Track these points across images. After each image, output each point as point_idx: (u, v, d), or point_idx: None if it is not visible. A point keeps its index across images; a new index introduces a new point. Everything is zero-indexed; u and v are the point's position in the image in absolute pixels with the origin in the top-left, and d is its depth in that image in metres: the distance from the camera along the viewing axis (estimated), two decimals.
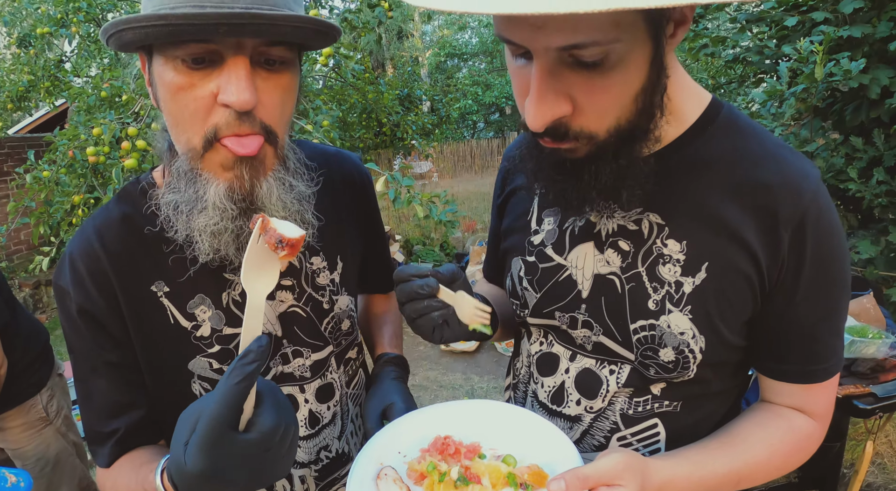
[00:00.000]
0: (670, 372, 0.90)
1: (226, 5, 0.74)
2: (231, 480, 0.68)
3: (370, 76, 7.02)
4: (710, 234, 0.85)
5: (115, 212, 0.99)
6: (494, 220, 1.23)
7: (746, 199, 0.84)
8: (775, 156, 0.85)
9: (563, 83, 0.72)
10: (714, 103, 0.90)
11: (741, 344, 0.91)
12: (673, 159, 0.88)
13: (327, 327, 1.14)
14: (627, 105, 0.75)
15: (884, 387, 2.12)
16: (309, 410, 1.12)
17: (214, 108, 0.81)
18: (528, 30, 0.68)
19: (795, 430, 0.91)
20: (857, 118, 3.52)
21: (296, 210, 0.93)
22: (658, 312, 0.88)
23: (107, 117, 3.58)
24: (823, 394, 0.92)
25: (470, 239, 8.42)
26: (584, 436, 0.99)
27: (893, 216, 3.41)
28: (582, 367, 0.98)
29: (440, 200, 3.26)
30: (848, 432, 2.73)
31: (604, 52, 0.67)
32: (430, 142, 9.84)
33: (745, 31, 3.97)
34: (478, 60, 22.95)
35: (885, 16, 3.30)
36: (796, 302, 0.85)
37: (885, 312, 2.38)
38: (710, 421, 0.98)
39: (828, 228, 0.83)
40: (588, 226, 0.95)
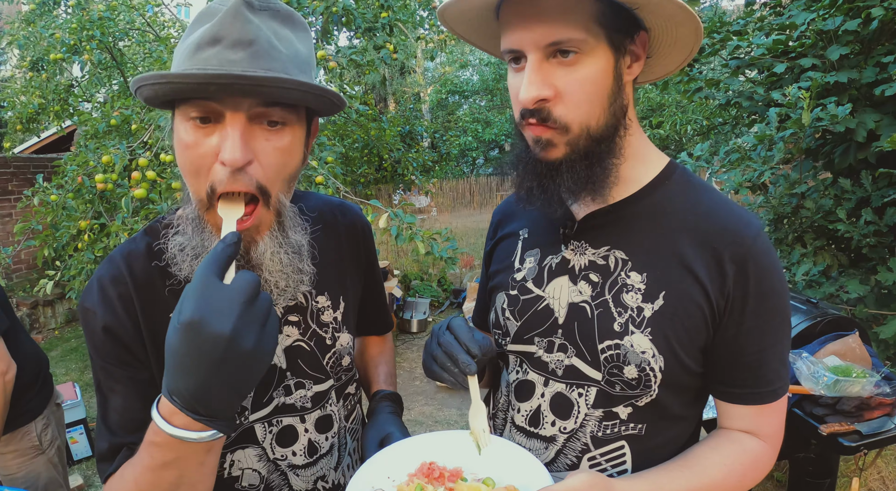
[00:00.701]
0: (634, 389, 0.99)
1: (224, 68, 0.82)
2: (217, 333, 0.72)
3: (373, 113, 7.17)
4: (667, 267, 0.98)
5: (141, 244, 1.06)
6: (484, 267, 1.35)
7: (698, 241, 0.97)
8: (723, 207, 0.99)
9: (548, 74, 0.90)
10: (671, 163, 1.06)
11: (697, 370, 1.00)
12: (637, 206, 1.02)
13: (329, 362, 1.20)
14: (597, 104, 0.92)
15: (868, 424, 2.16)
16: (308, 439, 1.17)
17: (214, 165, 0.88)
18: (522, 33, 0.89)
19: (748, 452, 1.00)
20: (846, 160, 3.62)
21: (289, 263, 1.01)
22: (622, 333, 0.99)
23: (118, 146, 3.65)
24: (772, 416, 1.01)
25: (467, 275, 8.46)
26: (558, 455, 1.08)
27: (881, 256, 3.49)
28: (555, 391, 1.07)
29: (441, 237, 3.33)
30: (839, 469, 2.75)
31: (577, 47, 0.88)
32: (429, 178, 9.97)
33: (737, 75, 4.10)
34: (478, 98, 23.29)
35: (871, 61, 3.43)
36: (743, 331, 0.96)
37: (871, 350, 2.42)
38: (672, 445, 1.06)
39: (768, 268, 0.94)
40: (563, 262, 1.08)
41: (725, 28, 4.05)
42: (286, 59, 0.87)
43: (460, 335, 1.03)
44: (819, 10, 3.50)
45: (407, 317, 6.89)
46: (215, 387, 0.75)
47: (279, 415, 1.13)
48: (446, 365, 1.03)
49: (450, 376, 1.03)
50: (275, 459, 1.14)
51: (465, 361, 1.00)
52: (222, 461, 1.11)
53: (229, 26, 0.83)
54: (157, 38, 6.06)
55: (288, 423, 1.14)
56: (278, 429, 1.13)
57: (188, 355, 0.74)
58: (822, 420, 2.20)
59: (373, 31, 5.01)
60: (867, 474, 3.35)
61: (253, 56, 0.83)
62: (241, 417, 1.09)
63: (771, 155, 3.62)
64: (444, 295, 7.92)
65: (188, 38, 0.88)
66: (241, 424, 1.09)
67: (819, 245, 3.67)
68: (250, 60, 0.83)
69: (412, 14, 5.91)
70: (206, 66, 0.82)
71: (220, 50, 0.82)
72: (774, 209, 3.78)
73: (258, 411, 1.10)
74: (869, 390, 2.15)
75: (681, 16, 0.90)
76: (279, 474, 1.15)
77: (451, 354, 1.02)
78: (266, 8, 0.88)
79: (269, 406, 1.12)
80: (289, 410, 1.14)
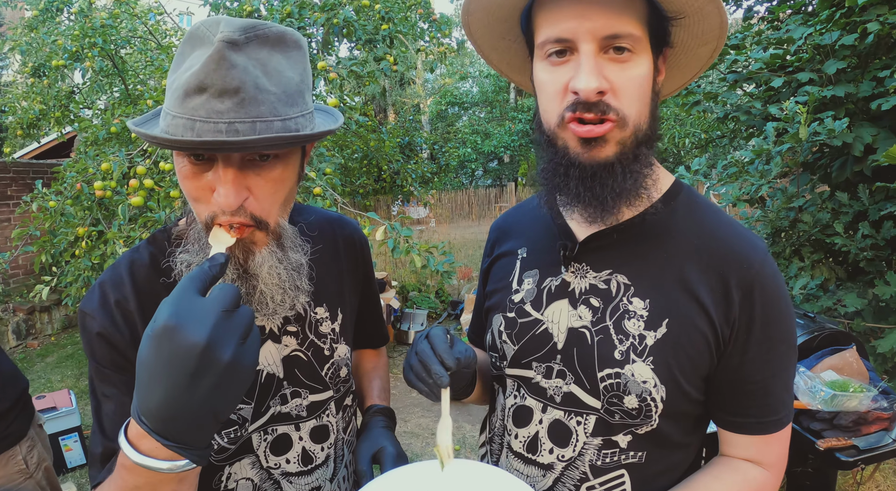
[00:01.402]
0: (634, 419, 0.96)
1: (212, 120, 0.83)
2: (191, 341, 0.69)
3: (373, 124, 7.20)
4: (671, 293, 0.95)
5: (144, 253, 1.08)
6: (480, 285, 1.33)
7: (703, 266, 0.94)
8: (728, 230, 0.97)
9: (602, 68, 0.87)
10: (677, 183, 1.04)
11: (699, 398, 0.98)
12: (642, 227, 0.99)
13: (328, 373, 1.20)
14: (645, 105, 0.91)
15: (866, 439, 2.16)
16: (302, 447, 1.17)
17: (213, 198, 0.91)
18: (575, 20, 0.86)
19: (749, 481, 0.98)
20: (843, 174, 3.63)
21: (288, 279, 1.03)
22: (623, 361, 0.96)
23: (117, 153, 3.65)
24: (776, 445, 0.99)
25: (465, 287, 8.46)
26: (556, 484, 1.05)
27: (879, 269, 3.50)
28: (553, 418, 1.05)
29: (437, 251, 3.33)
30: (837, 484, 2.74)
31: (631, 45, 0.86)
32: (428, 189, 9.99)
33: (735, 89, 4.12)
34: (478, 109, 23.39)
35: (868, 75, 3.45)
36: (748, 359, 0.93)
37: (869, 365, 2.42)
38: (672, 473, 1.04)
39: (775, 294, 0.92)
40: (563, 285, 1.05)
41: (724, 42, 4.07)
42: (274, 99, 0.87)
43: (437, 346, 1.01)
44: (816, 24, 3.53)
45: (405, 328, 6.88)
46: (187, 404, 0.71)
47: (274, 423, 1.13)
48: (421, 375, 1.01)
49: (424, 386, 1.01)
50: (268, 467, 1.13)
51: (438, 372, 0.98)
52: (220, 474, 1.10)
53: (213, 73, 0.82)
54: (158, 46, 6.09)
55: (283, 431, 1.14)
56: (273, 437, 1.13)
57: (159, 366, 0.70)
58: (819, 435, 2.19)
59: (373, 43, 5.04)
60: (866, 488, 3.33)
61: (240, 104, 0.84)
62: (241, 429, 1.08)
63: (768, 169, 3.63)
64: (441, 306, 7.91)
65: (178, 70, 0.89)
66: (241, 436, 1.08)
67: (816, 259, 3.68)
68: (237, 109, 0.83)
69: (413, 26, 5.95)
70: (194, 115, 0.83)
71: (208, 99, 0.83)
72: (772, 223, 3.79)
73: (256, 421, 1.10)
74: (866, 405, 2.15)
75: (710, 33, 0.91)
76: (272, 483, 1.14)
77: (426, 364, 1.00)
78: (253, 38, 0.87)
79: (265, 416, 1.11)
80: (284, 418, 1.14)
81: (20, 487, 2.17)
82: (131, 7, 5.90)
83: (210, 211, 0.92)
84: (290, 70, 0.91)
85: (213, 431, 0.77)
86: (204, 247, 0.97)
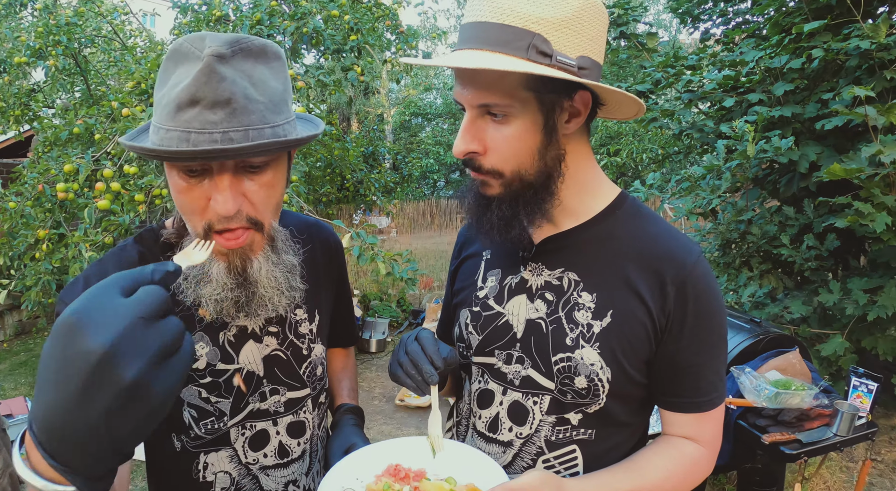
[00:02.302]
0: (584, 398, 1.08)
1: (206, 129, 0.87)
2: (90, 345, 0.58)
3: (337, 133, 7.23)
4: (615, 288, 1.08)
5: (133, 251, 1.12)
6: (448, 284, 1.45)
7: (643, 265, 1.07)
8: (666, 235, 1.09)
9: (480, 130, 1.01)
10: (622, 194, 1.16)
11: (642, 381, 1.10)
12: (588, 233, 1.12)
13: (305, 371, 1.26)
14: (525, 157, 1.01)
15: (808, 434, 2.33)
16: (279, 442, 1.23)
17: (208, 207, 0.95)
18: (463, 92, 0.99)
19: (686, 456, 1.10)
20: (790, 190, 3.84)
21: (284, 280, 1.08)
22: (573, 347, 1.08)
23: (83, 156, 3.61)
24: (709, 423, 1.11)
25: (427, 296, 8.51)
26: (515, 459, 1.16)
27: (823, 279, 3.70)
28: (512, 399, 1.16)
29: (402, 259, 3.41)
30: (785, 479, 2.90)
31: (504, 111, 0.98)
32: (391, 199, 10.04)
33: (690, 108, 4.31)
34: (441, 121, 23.52)
35: (814, 97, 3.67)
36: (682, 347, 1.05)
37: (811, 366, 2.59)
38: (619, 450, 1.15)
39: (706, 290, 1.04)
40: (522, 282, 1.17)
41: (680, 63, 4.26)
42: (263, 108, 0.92)
43: (426, 347, 1.11)
44: (767, 48, 3.73)
45: (366, 337, 6.88)
46: (77, 420, 0.60)
47: (252, 419, 1.18)
48: (411, 372, 1.11)
49: (412, 383, 1.11)
50: (247, 463, 1.19)
51: (428, 371, 1.08)
52: (196, 462, 1.15)
53: (204, 86, 0.86)
54: (123, 46, 6.03)
55: (261, 427, 1.20)
56: (251, 433, 1.18)
57: (52, 368, 0.60)
58: (764, 430, 2.35)
59: (341, 53, 5.10)
60: (814, 484, 3.51)
61: (231, 115, 0.88)
62: (219, 422, 1.13)
63: (718, 184, 3.81)
64: (403, 315, 7.94)
65: (165, 86, 0.92)
66: (219, 429, 1.14)
67: (765, 269, 3.87)
68: (229, 119, 0.88)
69: (380, 37, 6.03)
70: (188, 127, 0.87)
71: (200, 111, 0.87)
72: (722, 235, 3.98)
73: (235, 416, 1.16)
74: (808, 402, 2.31)
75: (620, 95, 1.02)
76: (251, 478, 1.20)
77: (417, 363, 1.10)
78: (238, 51, 0.91)
79: (244, 411, 1.17)
80: (262, 415, 1.20)
81: None
82: (97, 5, 5.82)
83: (206, 220, 0.96)
84: (273, 80, 0.96)
85: (111, 461, 0.64)
86: None
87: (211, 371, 1.12)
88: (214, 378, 1.13)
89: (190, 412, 1.12)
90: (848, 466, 3.74)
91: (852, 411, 2.32)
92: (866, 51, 3.19)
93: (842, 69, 3.61)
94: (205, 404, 1.12)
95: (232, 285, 1.02)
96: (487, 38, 0.94)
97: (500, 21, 0.93)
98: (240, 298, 1.04)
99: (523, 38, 0.93)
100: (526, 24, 0.92)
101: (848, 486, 3.53)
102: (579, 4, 0.94)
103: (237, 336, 1.15)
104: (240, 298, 1.04)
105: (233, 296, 1.03)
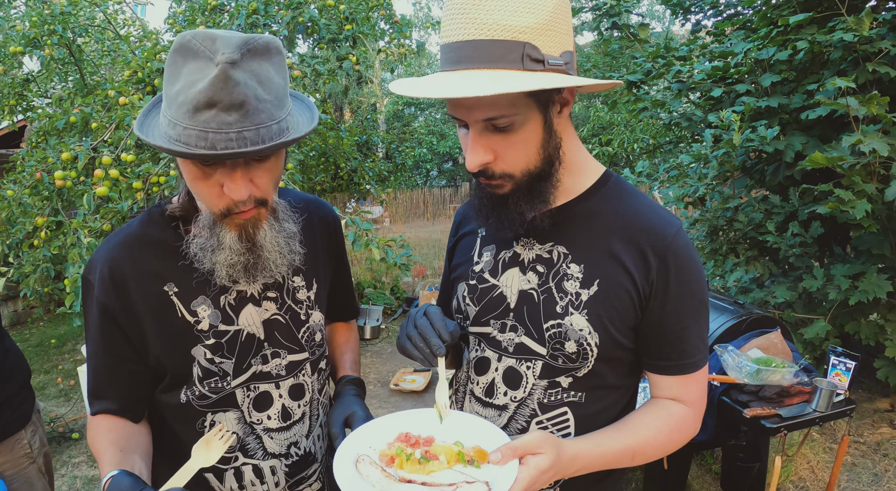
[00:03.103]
0: (574, 362, 1.16)
1: (223, 131, 0.97)
2: None
3: (332, 122, 7.27)
4: (601, 259, 1.16)
5: (138, 228, 1.25)
6: (447, 261, 1.54)
7: (627, 238, 1.14)
8: (647, 209, 1.17)
9: (488, 141, 1.05)
10: (606, 173, 1.24)
11: (629, 346, 1.18)
12: (576, 208, 1.20)
13: (304, 336, 1.35)
14: (533, 155, 1.08)
15: (789, 409, 2.44)
16: (282, 405, 1.33)
17: (222, 195, 1.09)
18: (464, 110, 1.03)
19: (674, 415, 1.18)
20: (776, 178, 3.93)
21: (285, 244, 1.21)
22: (563, 314, 1.16)
23: (82, 144, 3.65)
24: (694, 385, 1.19)
25: (420, 284, 8.57)
26: (510, 421, 1.24)
27: (807, 265, 3.80)
28: (507, 365, 1.24)
29: (396, 244, 3.49)
30: (769, 456, 3.01)
31: (509, 121, 1.01)
32: (384, 188, 10.08)
33: (680, 98, 4.39)
34: (434, 110, 23.50)
35: (801, 88, 3.75)
36: (666, 313, 1.13)
37: (793, 346, 2.69)
38: (609, 412, 1.23)
39: (686, 260, 1.13)
40: (515, 256, 1.25)
41: (671, 54, 4.33)
42: (270, 106, 1.03)
43: (434, 321, 1.19)
44: (755, 40, 3.81)
45: (360, 324, 6.97)
46: None
47: (256, 381, 1.28)
48: (419, 345, 1.19)
49: (421, 355, 1.19)
50: (251, 422, 1.29)
51: (436, 344, 1.16)
52: (202, 420, 1.26)
53: (220, 92, 0.96)
54: (116, 35, 6.04)
55: (264, 389, 1.30)
56: (255, 394, 1.28)
57: None
58: (745, 405, 2.46)
59: (336, 43, 5.14)
60: (797, 463, 3.62)
61: (245, 116, 0.99)
62: (223, 381, 1.24)
63: (706, 172, 3.89)
64: (397, 303, 8.02)
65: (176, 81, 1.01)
66: (223, 388, 1.24)
67: (751, 255, 3.96)
68: (242, 120, 0.99)
69: (374, 27, 6.06)
70: (206, 128, 0.98)
71: (217, 113, 0.97)
72: (710, 222, 4.07)
73: (238, 377, 1.25)
74: (788, 379, 2.41)
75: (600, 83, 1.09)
76: (255, 438, 1.29)
77: (425, 336, 1.18)
78: (246, 53, 1.00)
79: (247, 372, 1.27)
80: (265, 377, 1.29)
81: (24, 472, 2.19)
82: None
83: (224, 204, 1.10)
84: (276, 76, 1.06)
85: None
86: (216, 229, 1.14)
87: (214, 332, 1.23)
88: (217, 339, 1.23)
89: (197, 370, 1.23)
90: (831, 447, 3.85)
91: (831, 388, 2.42)
92: (850, 43, 3.27)
93: (827, 62, 3.70)
94: (209, 365, 1.23)
95: (242, 250, 1.15)
96: (480, 56, 0.97)
97: (489, 37, 0.96)
98: (248, 262, 1.16)
99: (514, 50, 0.97)
100: (514, 35, 0.96)
101: (830, 465, 3.64)
102: (553, 4, 0.99)
103: (237, 300, 1.25)
104: (248, 261, 1.16)
105: (243, 259, 1.16)
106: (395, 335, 7.02)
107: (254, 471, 1.31)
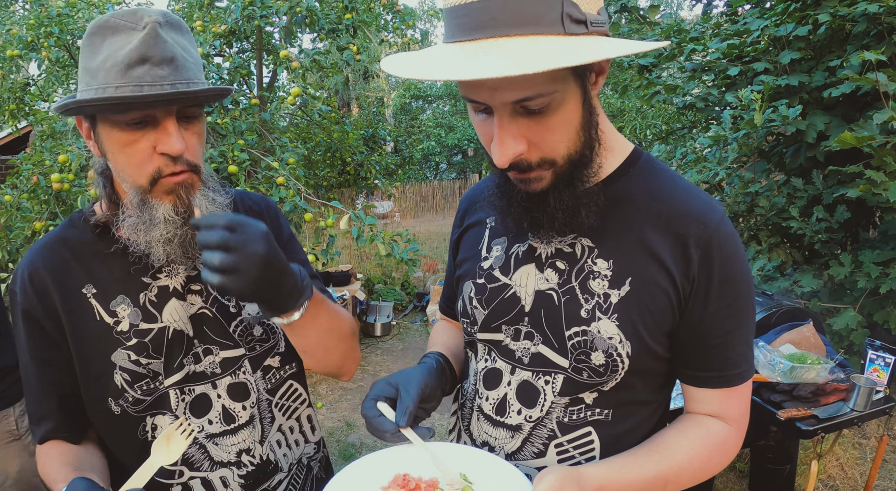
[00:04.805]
0: (601, 375, 0.99)
1: (157, 82, 1.00)
2: None
3: (336, 116, 7.14)
4: (633, 254, 0.98)
5: (58, 234, 1.22)
6: (451, 255, 1.35)
7: (662, 227, 0.98)
8: (686, 193, 1.00)
9: (519, 128, 0.87)
10: (636, 150, 1.06)
11: (664, 355, 1.01)
12: (603, 194, 1.00)
13: (236, 330, 1.25)
14: (573, 138, 0.91)
15: (825, 409, 2.26)
16: (222, 405, 1.22)
17: (153, 156, 1.06)
18: (487, 91, 0.83)
19: (713, 435, 1.02)
20: (797, 161, 3.76)
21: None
22: (589, 319, 0.99)
23: (74, 145, 3.58)
24: (737, 400, 1.03)
25: (431, 278, 8.49)
26: (525, 443, 1.08)
27: (833, 251, 3.63)
28: (521, 379, 1.07)
29: (402, 239, 3.36)
30: (798, 456, 2.85)
31: (546, 101, 0.83)
32: (392, 182, 9.96)
33: (694, 79, 4.22)
34: (442, 103, 23.36)
35: (821, 66, 3.57)
36: (708, 314, 0.97)
37: (825, 339, 2.53)
38: (639, 430, 1.07)
39: (732, 252, 0.96)
40: (530, 250, 1.08)
41: (684, 35, 4.17)
42: (194, 67, 1.07)
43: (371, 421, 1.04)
44: (772, 16, 3.64)
45: (370, 320, 6.87)
46: None
47: (191, 383, 1.20)
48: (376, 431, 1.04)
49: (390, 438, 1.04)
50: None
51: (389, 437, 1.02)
52: (143, 427, 1.18)
53: (153, 47, 1.00)
54: None
55: (201, 391, 1.21)
56: (191, 397, 1.20)
57: None
58: (779, 406, 2.28)
59: (336, 33, 5.00)
60: (826, 461, 3.47)
61: (175, 70, 1.02)
62: (154, 382, 1.17)
63: (725, 156, 3.73)
64: (407, 298, 7.94)
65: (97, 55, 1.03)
66: (156, 388, 1.17)
67: (774, 242, 3.80)
68: (174, 74, 1.02)
69: (376, 17, 5.92)
70: (140, 82, 1.00)
71: (150, 68, 1.00)
72: (730, 208, 3.90)
73: (171, 377, 1.18)
74: (824, 377, 2.25)
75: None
76: (198, 447, 1.20)
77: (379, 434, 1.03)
78: (166, 23, 1.04)
79: (180, 372, 1.19)
80: (200, 377, 1.21)
81: (5, 448, 2.21)
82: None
83: (155, 166, 1.07)
84: (191, 47, 1.10)
85: None
86: (147, 206, 1.10)
87: (135, 332, 1.17)
88: (139, 338, 1.17)
89: (122, 376, 1.15)
90: (860, 442, 3.70)
91: (870, 385, 2.25)
92: (874, 15, 3.09)
93: (849, 38, 3.51)
94: (136, 367, 1.16)
95: (179, 222, 1.11)
96: (509, 18, 0.77)
97: None
98: (185, 236, 1.13)
99: (554, 7, 0.77)
100: None
101: (861, 462, 3.49)
102: None
103: (158, 295, 1.20)
104: (185, 235, 1.13)
105: (180, 233, 1.12)
106: (406, 331, 7.01)
107: (203, 484, 1.21)
